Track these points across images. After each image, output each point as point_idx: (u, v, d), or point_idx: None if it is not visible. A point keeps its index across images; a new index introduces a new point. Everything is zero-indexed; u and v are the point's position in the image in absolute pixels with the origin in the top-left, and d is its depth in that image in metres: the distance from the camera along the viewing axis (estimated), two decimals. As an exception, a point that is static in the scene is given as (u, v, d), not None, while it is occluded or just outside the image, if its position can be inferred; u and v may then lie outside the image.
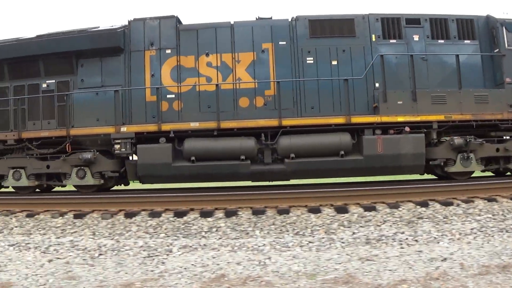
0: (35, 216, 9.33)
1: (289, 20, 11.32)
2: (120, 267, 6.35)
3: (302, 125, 10.76)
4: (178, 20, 11.36)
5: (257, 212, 8.65)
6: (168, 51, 11.10)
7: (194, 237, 7.77)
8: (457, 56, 10.90)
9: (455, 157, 11.01)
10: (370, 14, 11.32)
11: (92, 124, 10.89)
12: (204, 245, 7.25)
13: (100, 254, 7.09)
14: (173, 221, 8.50)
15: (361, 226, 7.80)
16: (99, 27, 11.51)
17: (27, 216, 9.36)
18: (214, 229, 8.02)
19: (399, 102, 10.78)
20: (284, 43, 11.14)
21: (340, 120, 10.73)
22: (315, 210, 8.59)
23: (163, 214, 8.88)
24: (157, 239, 7.73)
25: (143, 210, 9.26)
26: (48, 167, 10.99)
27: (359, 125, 10.75)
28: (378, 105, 10.79)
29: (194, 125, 10.74)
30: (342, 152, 10.60)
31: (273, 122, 10.70)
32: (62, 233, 8.39)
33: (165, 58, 11.10)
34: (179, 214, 8.76)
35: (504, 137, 11.15)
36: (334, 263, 6.06)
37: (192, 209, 9.15)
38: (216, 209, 9.12)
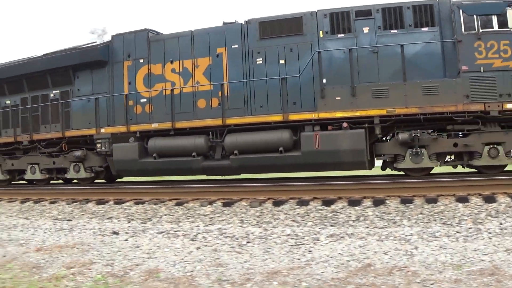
0: (184, 205, 9.88)
1: (242, 23, 12.13)
2: (267, 255, 6.44)
3: (244, 124, 11.54)
4: (151, 32, 13.03)
5: (405, 201, 8.66)
6: (141, 60, 12.85)
7: (342, 225, 7.87)
8: (402, 46, 10.49)
9: (404, 153, 10.66)
10: (319, 10, 11.48)
11: (85, 126, 13.26)
12: (352, 234, 7.26)
13: (248, 242, 7.23)
14: (321, 210, 8.66)
15: (508, 217, 7.65)
16: (96, 42, 13.85)
17: (176, 204, 9.95)
18: (361, 218, 8.11)
19: (337, 98, 10.83)
20: (236, 46, 12.00)
21: (277, 118, 11.24)
22: (463, 199, 8.49)
23: (311, 203, 9.08)
24: (304, 227, 7.88)
25: (291, 198, 9.56)
26: (54, 163, 13.73)
27: (296, 122, 11.13)
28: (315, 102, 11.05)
29: (155, 126, 12.34)
30: (281, 149, 11.12)
31: (218, 122, 11.71)
32: (210, 221, 8.78)
33: (139, 67, 12.87)
34: (327, 203, 8.94)
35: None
36: (481, 254, 5.98)
37: (340, 198, 9.34)
38: (364, 197, 9.24)
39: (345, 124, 10.69)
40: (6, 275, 6.24)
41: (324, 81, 11.12)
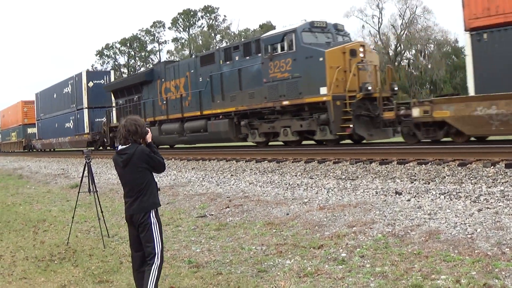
0: (467, 165, 10.17)
1: (195, 57, 22.47)
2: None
3: (188, 116, 22.13)
4: (168, 62, 24.57)
5: None
6: (163, 79, 24.57)
7: None
8: (239, 70, 19.30)
9: (249, 133, 19.52)
10: (220, 47, 20.97)
11: (144, 117, 25.80)
12: None
13: None
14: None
15: None
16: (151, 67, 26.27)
17: (459, 165, 10.29)
18: None
19: (218, 101, 20.42)
20: (193, 71, 22.43)
21: (198, 113, 21.44)
22: None
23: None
24: None
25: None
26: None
27: (206, 115, 21.09)
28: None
29: (161, 117, 24.01)
30: (202, 130, 21.34)
31: (179, 115, 22.61)
32: (493, 182, 8.98)
33: (162, 83, 24.62)
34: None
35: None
36: None
37: None
38: None
39: (220, 116, 20.26)
40: (288, 232, 7.07)
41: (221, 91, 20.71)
